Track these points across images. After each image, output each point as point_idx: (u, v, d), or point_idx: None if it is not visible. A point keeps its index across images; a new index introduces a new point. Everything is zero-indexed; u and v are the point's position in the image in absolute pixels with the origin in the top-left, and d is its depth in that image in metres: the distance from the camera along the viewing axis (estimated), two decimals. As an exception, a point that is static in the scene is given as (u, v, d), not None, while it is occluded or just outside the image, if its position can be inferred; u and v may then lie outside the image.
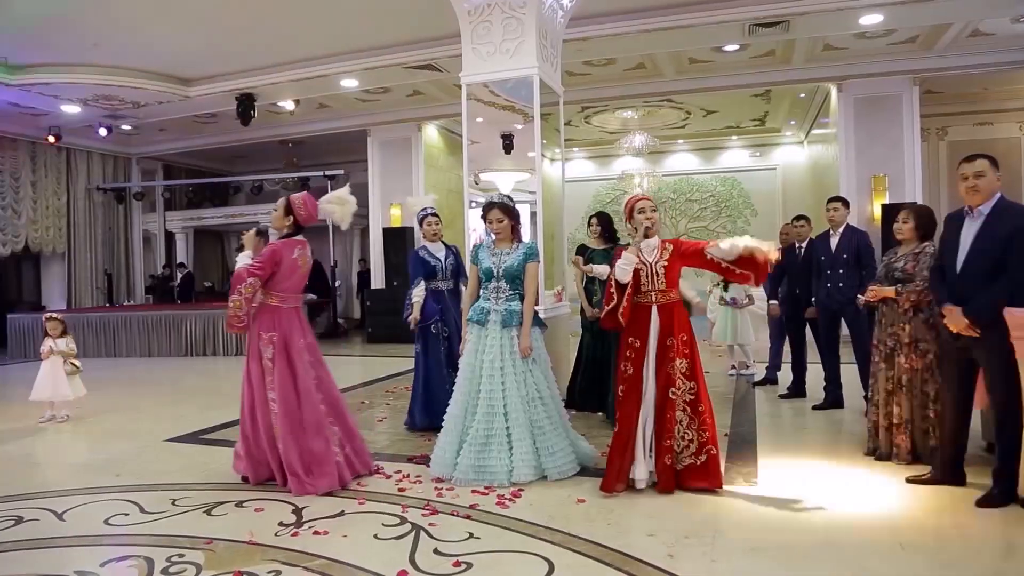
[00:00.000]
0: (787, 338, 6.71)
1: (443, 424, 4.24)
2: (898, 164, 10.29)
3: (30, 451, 5.36)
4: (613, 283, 3.87)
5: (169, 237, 16.03)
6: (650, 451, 3.81)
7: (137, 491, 4.12)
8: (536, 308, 4.33)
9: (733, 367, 7.89)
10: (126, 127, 13.33)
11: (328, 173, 14.08)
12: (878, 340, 4.30)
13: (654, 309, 3.87)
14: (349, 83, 10.47)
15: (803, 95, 11.81)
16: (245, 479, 4.22)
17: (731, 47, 9.46)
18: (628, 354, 3.93)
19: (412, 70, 9.74)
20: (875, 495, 3.73)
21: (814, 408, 5.88)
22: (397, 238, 12.51)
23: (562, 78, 6.84)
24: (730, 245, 3.71)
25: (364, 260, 15.35)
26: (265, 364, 4.09)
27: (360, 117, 13.15)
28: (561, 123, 7.11)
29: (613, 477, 3.81)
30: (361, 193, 14.43)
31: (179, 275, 15.28)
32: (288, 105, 11.42)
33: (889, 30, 8.87)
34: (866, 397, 4.94)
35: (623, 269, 3.82)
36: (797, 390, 6.39)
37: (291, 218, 4.26)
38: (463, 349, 4.30)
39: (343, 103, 12.40)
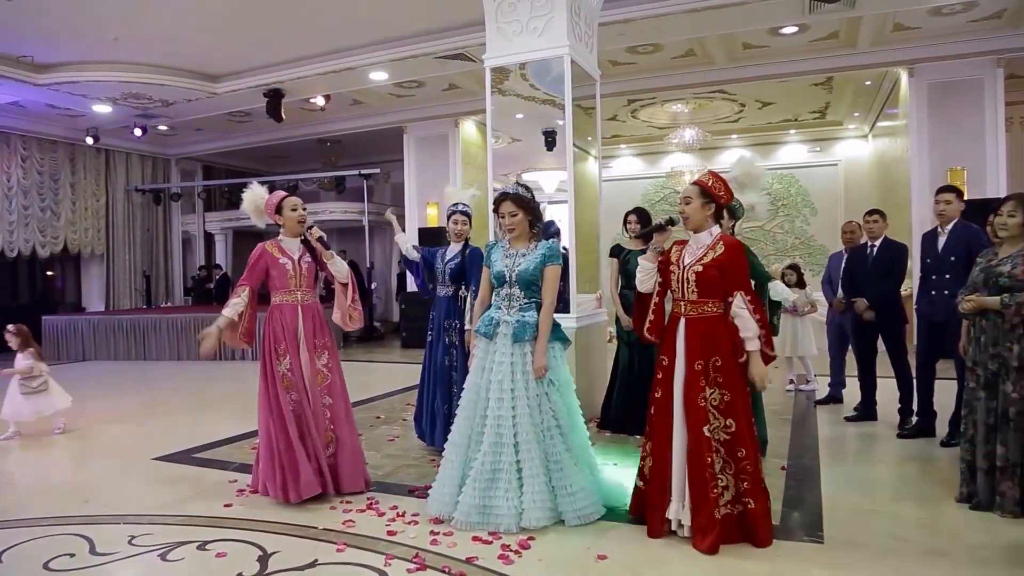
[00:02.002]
0: (852, 350, 5.89)
1: (444, 454, 3.62)
2: (978, 156, 9.25)
3: (7, 468, 4.94)
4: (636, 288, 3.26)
5: (208, 238, 15.89)
6: (685, 498, 3.12)
7: (97, 523, 3.63)
8: (558, 318, 3.69)
9: (791, 382, 7.08)
10: (162, 127, 13.18)
11: (364, 172, 13.73)
12: (975, 362, 3.49)
13: (682, 322, 3.21)
14: (379, 76, 9.97)
15: (869, 82, 10.81)
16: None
17: (789, 29, 8.61)
18: (658, 373, 3.30)
19: (443, 60, 9.19)
20: (975, 557, 2.97)
21: (899, 436, 5.05)
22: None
23: (605, 68, 6.23)
24: (746, 329, 3.13)
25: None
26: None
27: (396, 113, 12.73)
28: (598, 109, 6.43)
29: (659, 521, 3.21)
30: (398, 192, 14.19)
31: (216, 276, 15.07)
32: (319, 100, 11.00)
33: (970, 3, 7.90)
34: (954, 430, 4.16)
35: (641, 279, 3.16)
36: (866, 412, 5.57)
37: None
38: (470, 364, 3.68)
39: (377, 99, 11.97)
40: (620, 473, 4.15)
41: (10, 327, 6.04)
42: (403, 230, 5.43)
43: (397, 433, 5.51)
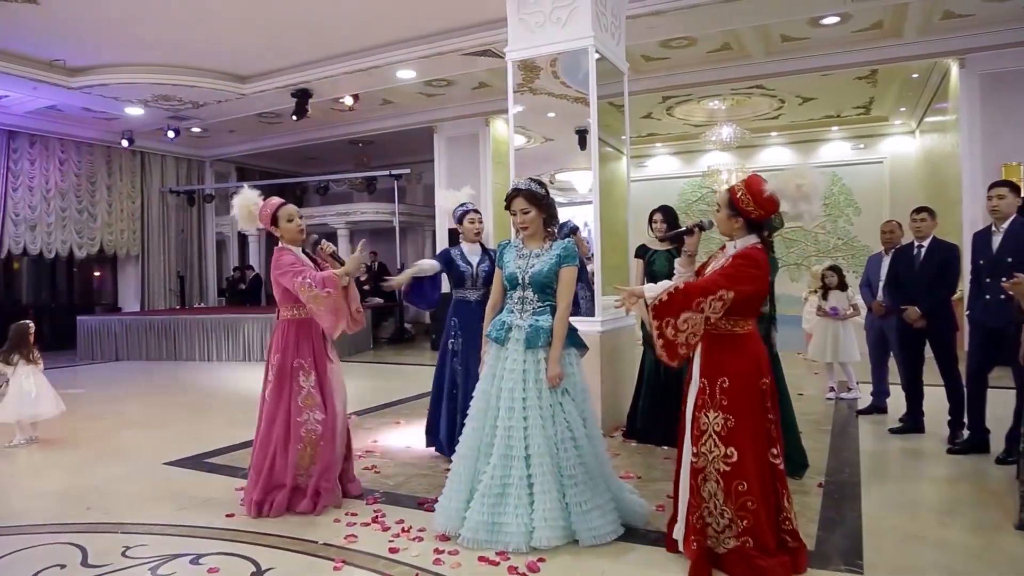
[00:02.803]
0: (895, 357, 5.53)
1: (451, 466, 3.40)
2: (1035, 152, 8.74)
3: (17, 471, 4.87)
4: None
5: (242, 239, 15.98)
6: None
7: (94, 532, 3.50)
8: (580, 321, 3.46)
9: (832, 389, 6.72)
10: (196, 130, 13.26)
11: (394, 172, 13.67)
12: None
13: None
14: (406, 74, 9.84)
15: (916, 75, 10.31)
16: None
17: (830, 19, 8.22)
18: (684, 385, 3.04)
19: (469, 57, 9.00)
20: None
21: (949, 451, 4.67)
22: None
23: (637, 64, 5.98)
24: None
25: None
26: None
27: (426, 113, 12.63)
28: (627, 104, 6.17)
29: (671, 540, 3.01)
30: (430, 193, 14.07)
31: (248, 277, 15.13)
32: (347, 100, 10.91)
33: (1028, -12, 7.45)
34: (1011, 446, 3.81)
35: (654, 293, 2.84)
36: (913, 424, 5.21)
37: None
38: (480, 371, 3.47)
39: (407, 98, 11.87)
40: (643, 488, 3.89)
41: None
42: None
43: (413, 441, 5.31)
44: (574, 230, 5.54)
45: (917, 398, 5.22)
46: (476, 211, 4.70)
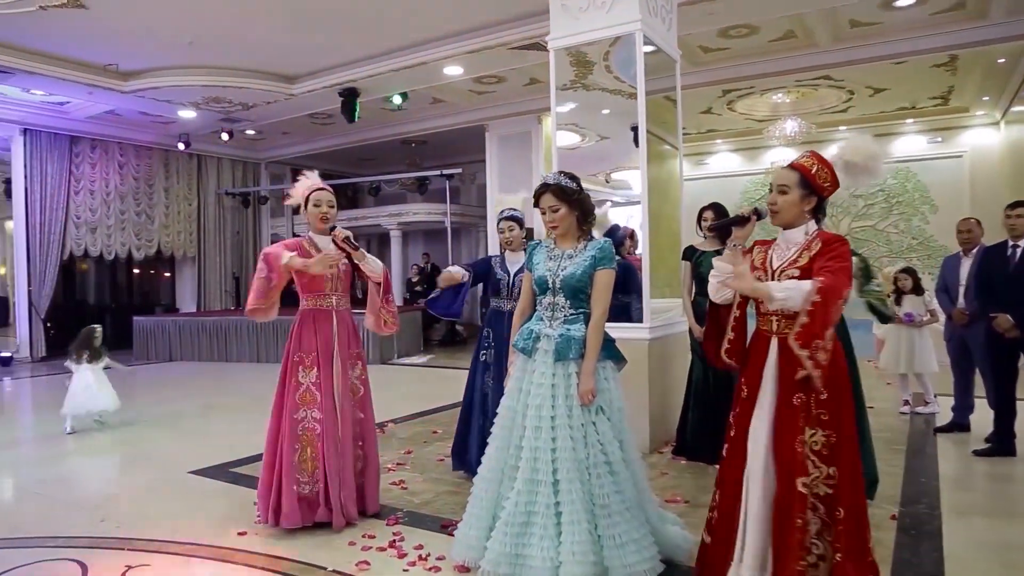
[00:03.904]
0: (980, 370, 4.96)
1: (472, 489, 3.09)
2: None
3: (44, 475, 4.78)
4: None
5: (296, 240, 16.04)
6: (763, 570, 2.45)
7: (100, 547, 3.35)
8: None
9: (906, 402, 6.15)
10: (250, 132, 13.35)
11: (445, 172, 13.48)
12: None
13: (774, 344, 2.52)
14: (453, 71, 9.60)
15: (1003, 60, 9.48)
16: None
17: (905, 1, 7.59)
18: (735, 407, 2.65)
19: (517, 51, 8.69)
20: None
21: None
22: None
23: (695, 55, 5.60)
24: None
25: (490, 263, 14.59)
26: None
27: (477, 111, 12.38)
28: (679, 94, 5.78)
29: None
30: (483, 193, 13.84)
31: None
32: (396, 99, 10.75)
33: None
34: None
35: (714, 286, 2.52)
36: (1001, 446, 4.64)
37: None
38: (507, 385, 3.14)
39: (457, 96, 11.64)
40: (690, 514, 3.50)
41: None
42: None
43: (449, 452, 5.02)
44: (631, 234, 5.20)
45: (1008, 417, 4.65)
46: (511, 219, 4.40)
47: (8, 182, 12.19)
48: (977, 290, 4.84)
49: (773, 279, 2.51)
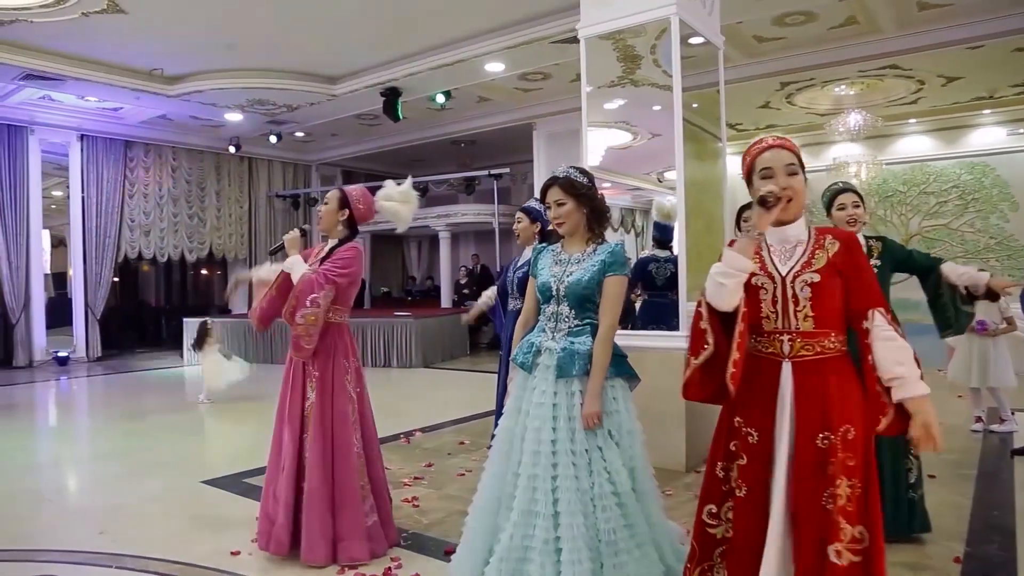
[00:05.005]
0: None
1: (466, 519, 2.81)
2: None
3: (59, 486, 4.72)
4: (703, 308, 2.09)
5: (346, 242, 16.08)
6: None
7: (90, 563, 3.21)
8: (620, 343, 2.77)
9: (979, 419, 5.59)
10: (299, 134, 13.45)
11: (494, 172, 13.26)
12: None
13: (786, 370, 2.03)
14: (495, 67, 9.36)
15: (1093, 43, 8.71)
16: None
17: (981, -21, 6.98)
18: (739, 456, 2.06)
19: (559, 45, 8.38)
20: None
21: None
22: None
23: (750, 45, 5.22)
24: (901, 362, 1.91)
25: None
26: (353, 399, 3.33)
27: (524, 109, 12.18)
28: (721, 83, 5.39)
29: None
30: (532, 193, 13.56)
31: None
32: (439, 98, 10.58)
33: None
34: None
35: (721, 284, 2.01)
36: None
37: (347, 213, 3.40)
38: (506, 404, 2.85)
39: (503, 94, 11.43)
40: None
41: None
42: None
43: (472, 467, 4.76)
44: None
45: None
46: (523, 209, 4.21)
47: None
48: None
49: (785, 286, 2.04)
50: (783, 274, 2.05)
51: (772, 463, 1.99)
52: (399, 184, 3.55)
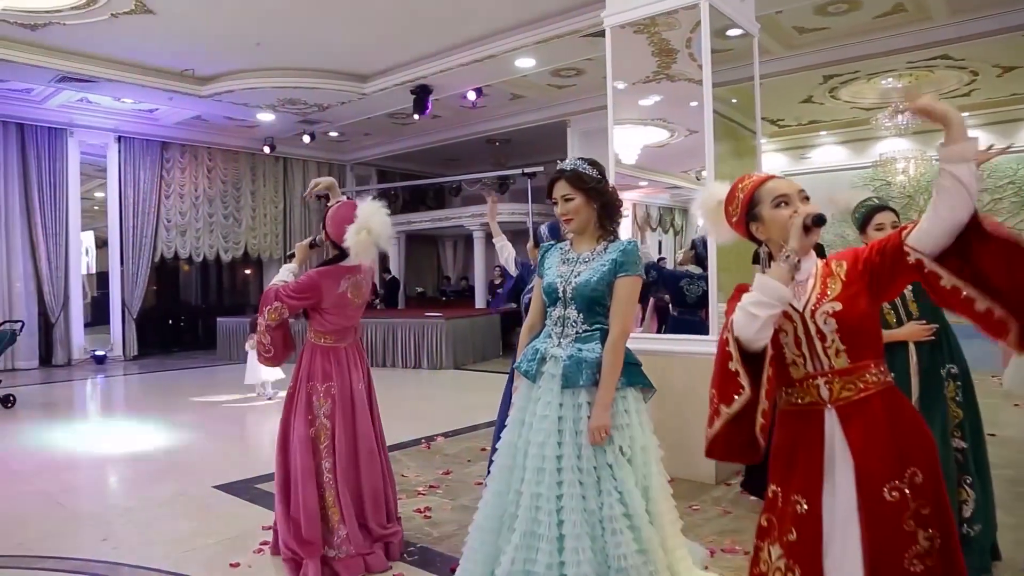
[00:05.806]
0: None
1: (467, 539, 2.61)
2: None
3: (72, 486, 4.66)
4: (729, 343, 1.70)
5: (380, 242, 16.06)
6: None
7: (83, 572, 3.09)
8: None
9: (1037, 432, 5.19)
10: (333, 134, 13.44)
11: (527, 171, 13.08)
12: None
13: (830, 419, 1.71)
14: (525, 62, 9.16)
15: None
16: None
17: (1040, -40, 6.53)
18: (788, 531, 1.71)
19: (590, 39, 8.13)
20: None
21: None
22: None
23: (790, 37, 4.95)
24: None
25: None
26: (320, 424, 3.17)
27: (557, 107, 11.95)
28: (756, 72, 5.11)
29: None
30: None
31: (385, 279, 15.15)
32: (470, 95, 10.43)
33: None
34: None
35: (751, 313, 1.65)
36: None
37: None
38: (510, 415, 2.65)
39: (536, 92, 11.23)
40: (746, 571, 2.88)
41: None
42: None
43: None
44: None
45: None
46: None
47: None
48: None
49: (807, 324, 1.74)
50: (800, 310, 1.77)
51: (830, 531, 1.66)
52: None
